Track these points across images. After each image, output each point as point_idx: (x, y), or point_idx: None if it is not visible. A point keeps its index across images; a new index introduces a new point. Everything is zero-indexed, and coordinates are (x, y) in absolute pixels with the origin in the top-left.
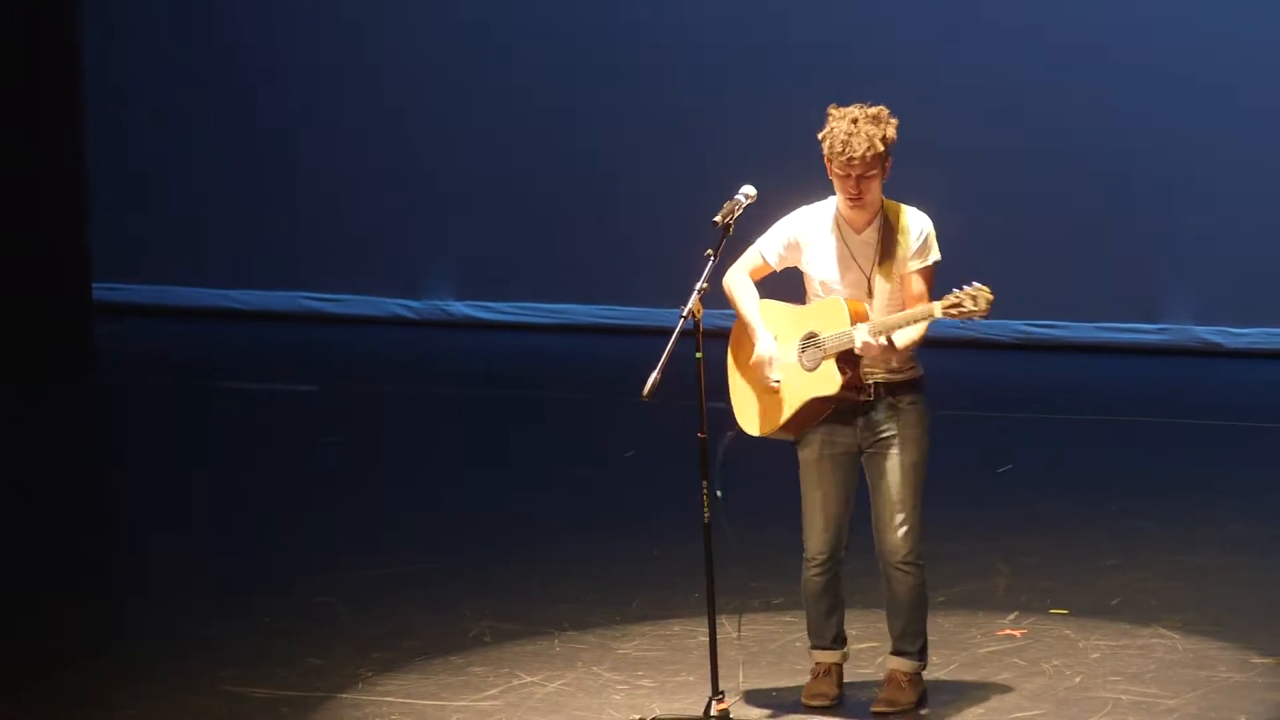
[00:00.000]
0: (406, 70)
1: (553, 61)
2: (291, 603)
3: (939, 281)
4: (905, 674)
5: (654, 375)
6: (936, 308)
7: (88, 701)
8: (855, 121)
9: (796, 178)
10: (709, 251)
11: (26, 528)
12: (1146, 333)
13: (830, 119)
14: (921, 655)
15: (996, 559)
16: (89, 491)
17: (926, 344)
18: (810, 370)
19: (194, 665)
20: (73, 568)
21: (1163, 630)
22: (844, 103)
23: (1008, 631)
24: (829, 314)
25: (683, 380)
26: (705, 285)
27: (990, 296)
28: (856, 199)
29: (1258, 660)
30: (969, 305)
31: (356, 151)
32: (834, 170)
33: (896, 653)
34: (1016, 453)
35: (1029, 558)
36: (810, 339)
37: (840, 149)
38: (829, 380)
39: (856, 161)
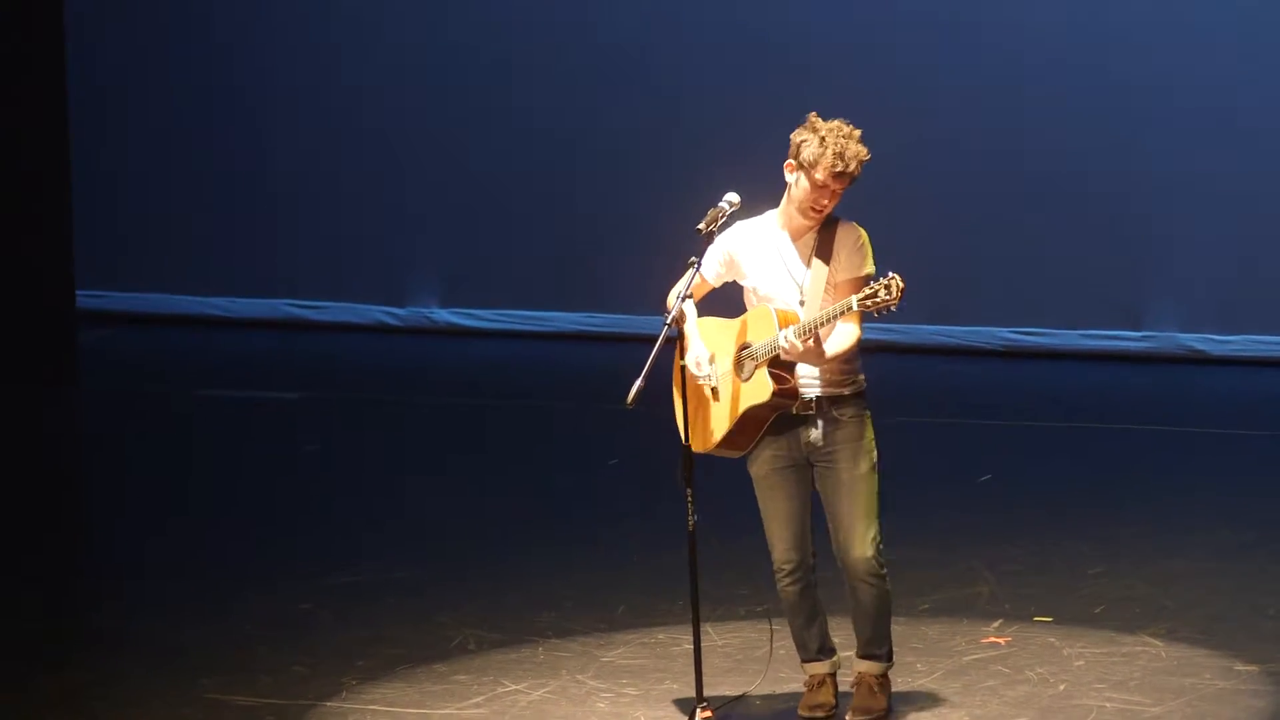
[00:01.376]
0: (390, 77)
1: (536, 69)
2: (275, 610)
3: None
4: (875, 677)
5: (638, 383)
6: (853, 300)
7: (67, 709)
8: (847, 137)
9: (780, 185)
10: (693, 259)
11: (7, 533)
12: (1131, 340)
13: (816, 128)
14: (889, 657)
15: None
16: (70, 498)
17: (911, 350)
18: (745, 381)
19: (176, 673)
20: (53, 574)
21: (1147, 638)
22: (827, 111)
23: (992, 639)
24: (760, 323)
25: (667, 388)
26: (690, 293)
27: (902, 285)
28: (819, 211)
29: (1242, 667)
30: (882, 295)
31: (340, 158)
32: (813, 176)
33: (864, 656)
34: (999, 460)
35: (1012, 565)
36: (744, 349)
37: (833, 161)
38: (761, 389)
39: (844, 175)
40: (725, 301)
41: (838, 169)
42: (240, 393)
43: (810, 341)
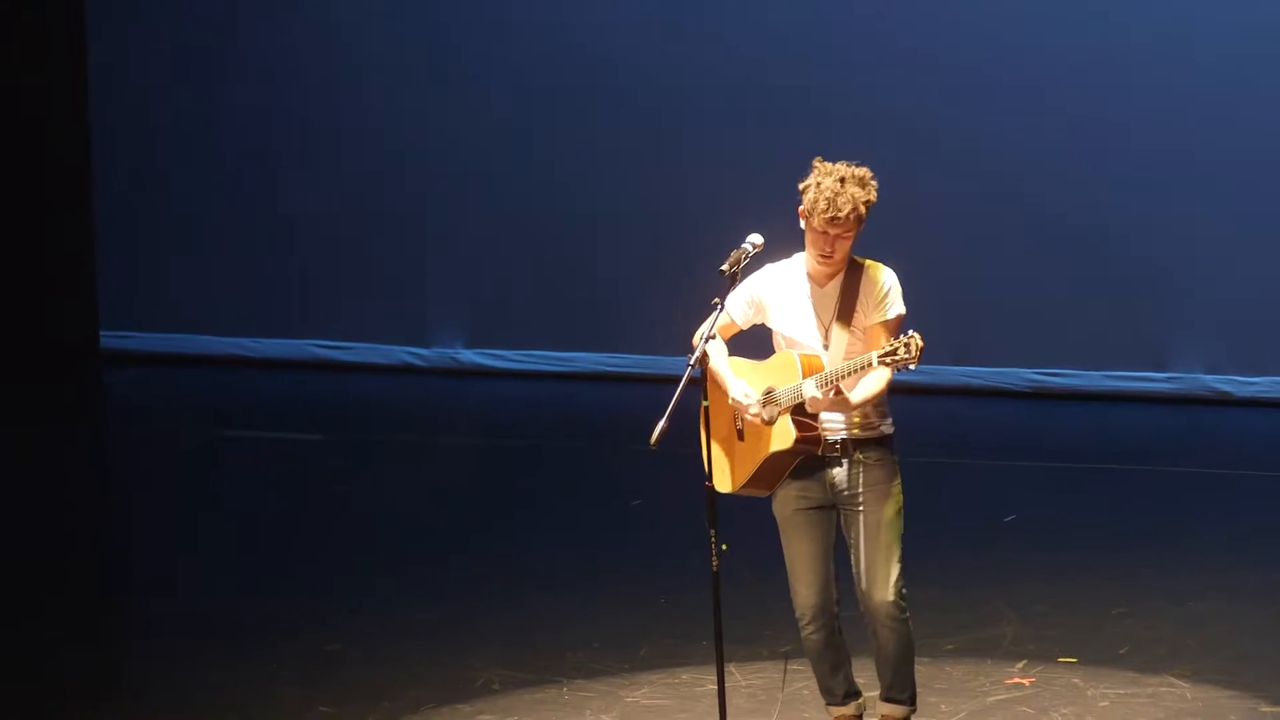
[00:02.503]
0: (416, 120)
1: (564, 112)
2: (300, 651)
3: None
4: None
5: (661, 423)
6: (873, 356)
7: None
8: (843, 181)
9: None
10: (717, 300)
11: (28, 574)
12: (1156, 381)
13: (816, 173)
14: (912, 701)
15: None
16: (93, 538)
17: (937, 391)
18: (769, 424)
19: (202, 714)
20: (75, 616)
21: (1171, 679)
22: (842, 153)
23: (1016, 680)
24: (784, 369)
25: (690, 428)
26: (713, 334)
27: (920, 344)
28: (828, 256)
29: (1267, 709)
30: (902, 353)
31: (366, 200)
32: (812, 224)
33: (888, 700)
34: (1024, 500)
35: (1037, 606)
36: (769, 394)
37: (825, 207)
38: (785, 435)
39: (840, 221)
40: (754, 342)
41: (829, 215)
42: (265, 433)
43: (832, 393)
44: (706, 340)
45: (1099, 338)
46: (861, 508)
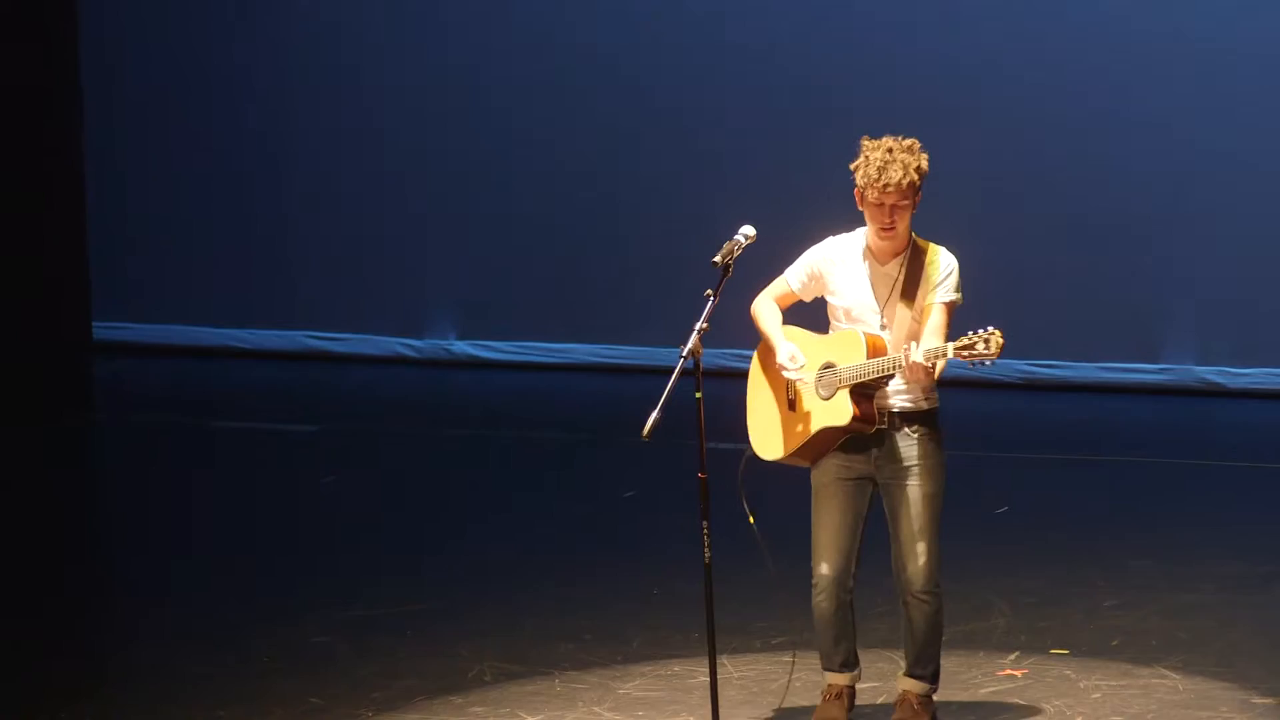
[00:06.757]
0: (410, 114)
1: (556, 103)
2: (291, 642)
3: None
4: (917, 695)
5: (654, 415)
6: (950, 346)
7: None
8: (891, 150)
9: (796, 219)
10: (709, 291)
11: (22, 568)
12: (1148, 373)
13: (864, 149)
14: (934, 679)
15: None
16: (86, 530)
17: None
18: (825, 399)
19: (192, 705)
20: (69, 608)
21: (1163, 670)
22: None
23: (1009, 671)
24: (847, 346)
25: (683, 420)
26: (705, 325)
27: (1001, 341)
28: (889, 229)
29: (1258, 700)
30: (980, 347)
31: (359, 191)
32: (868, 198)
33: (909, 674)
34: (1018, 492)
35: (1029, 598)
36: (828, 368)
37: (877, 175)
38: (842, 411)
39: (892, 189)
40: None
41: (881, 184)
42: (258, 424)
43: (931, 365)
44: (697, 331)
45: (1091, 329)
46: (903, 481)
